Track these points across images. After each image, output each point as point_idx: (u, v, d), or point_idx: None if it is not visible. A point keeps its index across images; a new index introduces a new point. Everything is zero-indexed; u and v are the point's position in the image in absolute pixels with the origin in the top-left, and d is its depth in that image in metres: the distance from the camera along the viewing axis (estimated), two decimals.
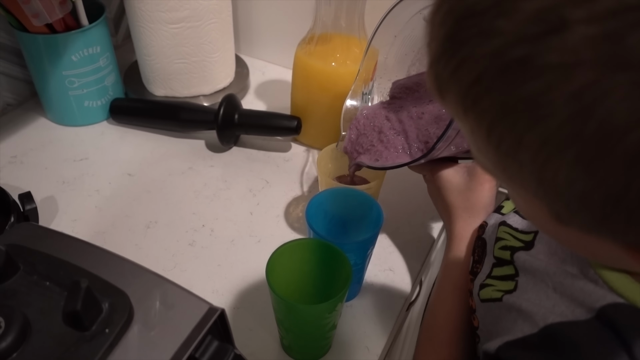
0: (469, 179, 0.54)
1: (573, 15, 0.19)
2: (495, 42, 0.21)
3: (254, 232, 0.63)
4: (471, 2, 0.22)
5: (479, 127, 0.24)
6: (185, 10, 0.70)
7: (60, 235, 0.40)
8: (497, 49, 0.22)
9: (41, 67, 0.70)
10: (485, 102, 0.23)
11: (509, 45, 0.21)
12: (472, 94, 0.24)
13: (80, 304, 0.31)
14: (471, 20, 0.22)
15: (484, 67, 0.22)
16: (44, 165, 0.70)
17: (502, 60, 0.22)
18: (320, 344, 0.49)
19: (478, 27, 0.22)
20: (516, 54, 0.21)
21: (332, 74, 0.67)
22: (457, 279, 0.50)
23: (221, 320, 0.37)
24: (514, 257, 0.43)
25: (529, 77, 0.21)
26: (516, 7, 0.21)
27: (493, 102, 0.23)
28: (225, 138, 0.71)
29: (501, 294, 0.42)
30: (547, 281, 0.38)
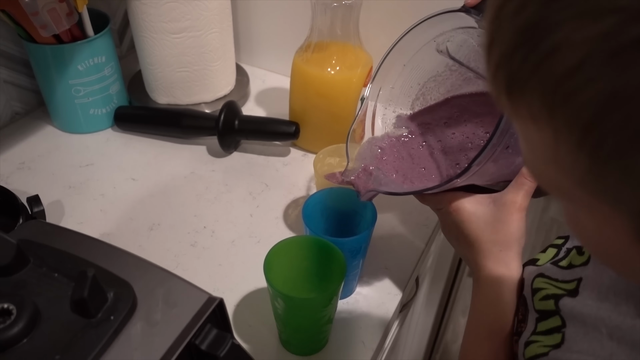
0: (495, 209, 0.48)
1: None
2: (606, 22, 0.18)
3: (253, 233, 0.65)
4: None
5: (569, 129, 0.21)
6: (186, 20, 0.73)
7: (68, 231, 0.42)
8: (608, 29, 0.18)
9: (48, 76, 0.72)
10: (586, 95, 0.19)
11: (625, 23, 0.18)
12: (566, 87, 0.20)
13: (87, 291, 0.33)
14: (565, 1, 0.19)
15: (586, 52, 0.19)
16: (50, 171, 0.72)
17: (615, 41, 0.18)
18: (317, 337, 0.51)
19: (578, 7, 0.19)
20: (635, 34, 0.18)
21: (329, 80, 0.69)
22: (493, 323, 0.45)
23: (220, 310, 0.39)
24: (559, 304, 0.39)
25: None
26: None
27: (597, 93, 0.19)
28: (226, 143, 0.74)
29: (548, 349, 0.38)
30: (600, 328, 0.35)
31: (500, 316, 0.45)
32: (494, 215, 0.48)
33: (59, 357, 0.32)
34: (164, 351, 0.34)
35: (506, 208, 0.47)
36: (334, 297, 0.47)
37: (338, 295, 0.48)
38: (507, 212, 0.47)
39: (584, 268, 0.41)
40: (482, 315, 0.47)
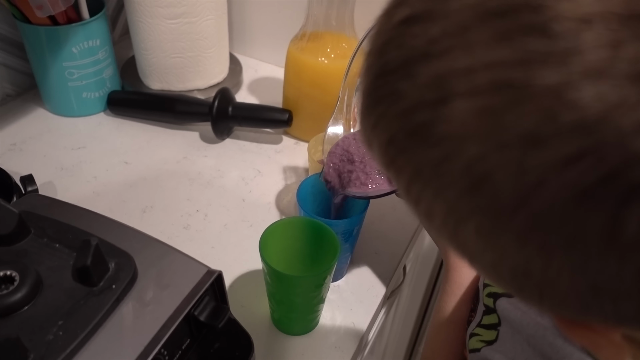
0: None
1: (457, 87, 0.19)
2: (402, 104, 0.21)
3: (246, 217, 0.66)
4: (384, 60, 0.22)
5: (399, 184, 0.24)
6: (183, 6, 0.73)
7: (68, 204, 0.43)
8: (404, 111, 0.21)
9: (42, 58, 0.72)
10: (400, 162, 0.22)
11: (412, 108, 0.21)
12: (390, 153, 0.23)
13: (90, 259, 0.34)
14: (384, 78, 0.22)
15: (396, 127, 0.22)
16: (42, 153, 0.72)
17: (409, 123, 0.21)
18: (309, 317, 0.52)
19: (389, 87, 0.22)
20: (419, 119, 0.20)
21: (323, 69, 0.70)
22: (453, 312, 0.48)
23: (218, 283, 0.39)
24: (496, 304, 0.42)
25: (431, 144, 0.20)
26: (417, 71, 0.20)
27: (406, 163, 0.22)
28: (219, 130, 0.74)
29: (482, 345, 0.41)
30: (522, 333, 0.37)
31: (459, 306, 0.47)
32: None
33: (61, 323, 0.33)
34: (163, 321, 0.35)
35: None
36: (328, 276, 0.48)
37: (331, 275, 0.49)
38: None
39: None
40: (444, 304, 0.49)
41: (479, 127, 0.18)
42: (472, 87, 0.18)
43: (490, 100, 0.18)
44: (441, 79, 0.19)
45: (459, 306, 0.48)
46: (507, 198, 0.19)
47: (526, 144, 0.18)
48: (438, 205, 0.21)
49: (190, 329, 0.38)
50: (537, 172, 0.18)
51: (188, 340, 0.38)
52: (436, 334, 0.49)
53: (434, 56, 0.20)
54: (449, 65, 0.19)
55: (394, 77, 0.21)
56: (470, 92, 0.18)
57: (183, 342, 0.38)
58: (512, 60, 0.18)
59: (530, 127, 0.17)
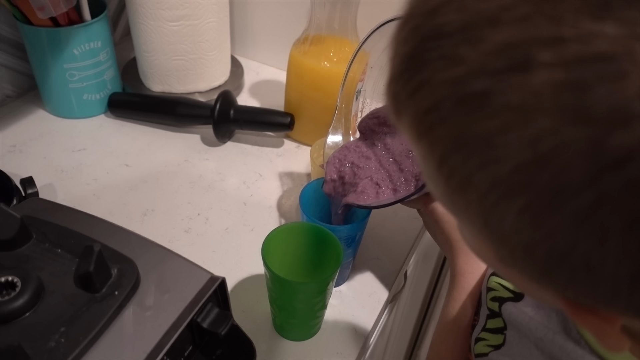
0: None
1: (540, 56, 0.18)
2: (457, 69, 0.20)
3: (247, 221, 0.66)
4: (439, 23, 0.21)
5: (431, 156, 0.23)
6: (185, 8, 0.73)
7: (69, 209, 0.42)
8: (458, 77, 0.20)
9: (43, 59, 0.72)
10: (440, 131, 0.21)
11: (470, 75, 0.20)
12: (428, 121, 0.22)
13: (93, 265, 0.34)
14: (436, 41, 0.21)
15: (443, 94, 0.21)
16: (42, 155, 0.72)
17: (462, 90, 0.20)
18: (311, 323, 0.52)
19: (442, 50, 0.21)
20: (477, 87, 0.19)
21: (325, 73, 0.70)
22: (459, 318, 0.47)
23: (221, 289, 0.39)
24: (502, 309, 0.42)
25: (487, 114, 0.19)
26: (483, 37, 0.19)
27: (448, 132, 0.21)
28: (221, 133, 0.74)
29: (489, 350, 0.40)
30: (529, 337, 0.37)
31: (465, 312, 0.47)
32: None
33: (63, 330, 0.32)
34: (166, 328, 0.35)
35: None
36: (330, 282, 0.47)
37: (334, 281, 0.48)
38: None
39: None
40: (451, 310, 0.49)
41: (559, 100, 0.18)
42: (559, 58, 0.17)
43: (579, 73, 0.17)
44: (515, 47, 0.18)
45: (465, 311, 0.48)
46: (575, 175, 0.18)
47: (613, 122, 0.17)
48: (481, 178, 0.21)
49: (193, 336, 0.38)
50: (619, 151, 0.17)
51: (190, 347, 0.38)
52: (443, 339, 0.49)
53: (505, 22, 0.19)
54: (527, 33, 0.18)
55: (449, 41, 0.20)
56: (554, 63, 0.18)
57: (185, 349, 0.38)
58: (613, 33, 0.17)
59: (622, 104, 0.17)
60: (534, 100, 0.18)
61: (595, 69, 0.17)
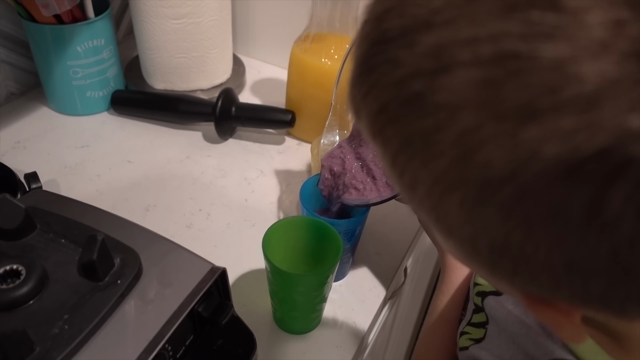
0: None
1: (459, 57, 0.19)
2: (398, 72, 0.21)
3: (248, 217, 0.66)
4: (384, 28, 0.22)
5: (384, 155, 0.24)
6: (187, 6, 0.73)
7: (73, 200, 0.43)
8: (399, 79, 0.21)
9: (47, 56, 0.72)
10: (389, 132, 0.23)
11: (409, 77, 0.21)
12: (379, 122, 0.23)
13: (96, 254, 0.34)
14: (382, 46, 0.22)
15: (389, 96, 0.22)
16: (46, 151, 0.73)
17: (403, 91, 0.21)
18: (311, 316, 0.52)
19: (387, 55, 0.22)
20: (414, 88, 0.21)
21: (326, 70, 0.70)
22: (448, 311, 0.48)
23: (222, 280, 0.40)
24: (484, 303, 0.42)
25: (424, 113, 0.20)
26: (417, 40, 0.20)
27: (395, 132, 0.22)
28: (222, 129, 0.75)
29: (470, 343, 0.41)
30: (507, 331, 0.38)
31: (454, 305, 0.48)
32: None
33: (67, 317, 0.33)
34: (167, 316, 0.35)
35: None
36: (330, 275, 0.48)
37: (334, 274, 0.49)
38: None
39: None
40: (439, 303, 0.49)
41: (477, 98, 0.19)
42: (475, 57, 0.19)
43: (492, 71, 0.18)
44: (442, 49, 0.19)
45: (453, 305, 0.48)
46: (497, 169, 0.19)
47: (523, 117, 0.18)
48: (424, 175, 0.22)
49: (194, 325, 0.38)
50: (530, 145, 0.18)
51: (191, 337, 0.39)
52: (430, 333, 0.49)
53: (436, 26, 0.20)
54: (451, 35, 0.19)
55: (392, 45, 0.21)
56: (472, 62, 0.19)
57: (187, 338, 0.38)
58: (518, 32, 0.18)
59: (529, 100, 0.18)
60: (458, 98, 0.19)
61: (505, 67, 0.18)
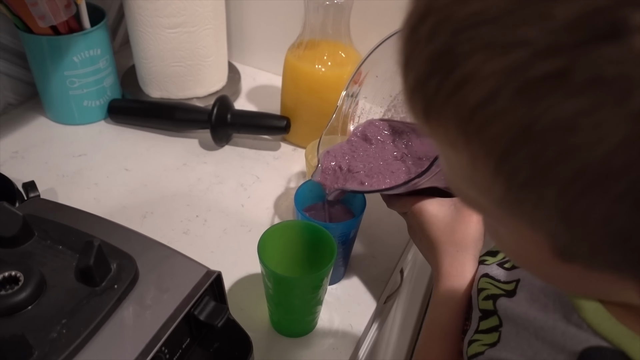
0: (456, 211, 0.50)
1: (636, 19, 0.16)
2: (513, 55, 0.18)
3: (245, 222, 0.67)
4: (474, 10, 0.19)
5: (485, 156, 0.21)
6: (182, 16, 0.74)
7: (70, 208, 0.44)
8: (516, 63, 0.18)
9: (44, 67, 0.73)
10: (498, 127, 0.19)
11: (535, 58, 0.18)
12: (479, 118, 0.20)
13: (93, 259, 0.35)
14: (475, 30, 0.19)
15: (497, 85, 0.19)
16: (44, 160, 0.73)
17: (525, 76, 0.18)
18: (307, 318, 0.53)
19: (487, 38, 0.19)
20: (547, 68, 0.18)
21: (319, 76, 0.71)
22: (446, 323, 0.46)
23: (217, 283, 0.40)
24: (497, 304, 0.41)
25: (566, 95, 0.17)
26: (547, 12, 0.17)
27: (509, 126, 0.19)
28: (218, 136, 0.75)
29: (485, 348, 0.39)
30: (528, 328, 0.36)
31: (453, 316, 0.46)
32: (454, 217, 0.50)
33: (65, 321, 0.34)
34: (164, 320, 0.36)
35: (465, 211, 0.49)
36: (325, 278, 0.48)
37: (328, 276, 0.49)
38: (467, 214, 0.49)
39: (522, 270, 0.42)
40: (437, 315, 0.47)
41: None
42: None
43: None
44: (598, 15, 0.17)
45: (454, 316, 0.46)
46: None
47: None
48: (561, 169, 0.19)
49: (190, 329, 0.39)
50: None
51: (188, 340, 0.39)
52: (429, 347, 0.47)
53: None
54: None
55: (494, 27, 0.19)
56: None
57: (183, 341, 0.39)
58: None
59: None
60: (636, 69, 0.16)
61: None
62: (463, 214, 0.50)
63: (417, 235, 0.54)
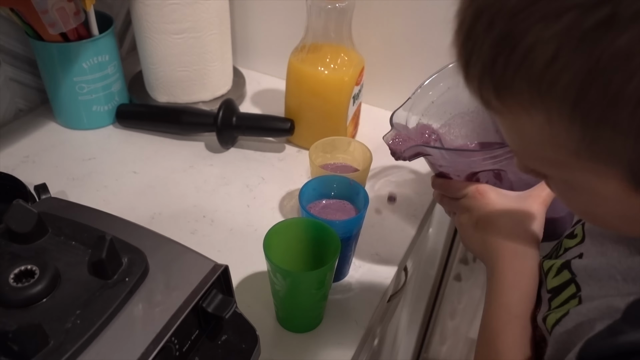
0: (519, 199, 0.51)
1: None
2: (567, 17, 0.23)
3: (251, 222, 0.68)
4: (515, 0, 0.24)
5: (560, 107, 0.25)
6: (187, 22, 0.76)
7: (82, 206, 0.45)
8: (571, 22, 0.22)
9: (54, 73, 0.75)
10: (567, 77, 0.23)
11: (585, 13, 0.22)
12: (549, 76, 0.24)
13: (105, 253, 0.36)
14: (528, 10, 0.24)
15: (557, 45, 0.23)
16: (54, 164, 0.75)
17: (578, 30, 0.22)
18: (312, 314, 0.54)
19: (541, 12, 0.23)
20: (596, 18, 0.22)
21: (322, 79, 0.73)
22: (516, 305, 0.44)
23: (225, 276, 0.42)
24: (572, 268, 0.40)
25: (618, 32, 0.22)
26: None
27: (576, 73, 0.23)
28: (224, 139, 0.77)
29: (567, 309, 0.38)
30: (614, 274, 0.35)
31: (522, 299, 0.44)
32: (518, 204, 0.50)
33: (79, 312, 0.35)
34: (173, 311, 0.37)
35: (531, 199, 0.50)
36: (329, 273, 0.50)
37: (333, 271, 0.51)
38: (531, 202, 0.50)
39: (580, 246, 0.42)
40: (506, 298, 0.45)
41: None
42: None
43: None
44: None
45: (524, 298, 0.44)
46: None
47: None
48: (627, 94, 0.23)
49: (199, 320, 0.40)
50: None
51: (197, 332, 0.41)
52: (501, 334, 0.44)
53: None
54: None
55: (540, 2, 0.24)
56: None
57: (192, 333, 0.40)
58: None
59: None
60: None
61: None
62: (528, 202, 0.50)
63: (473, 219, 0.51)
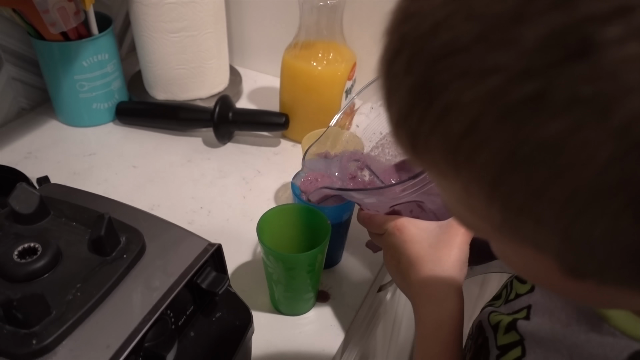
0: (440, 231, 0.47)
1: (603, 35, 0.16)
2: (490, 81, 0.18)
3: (247, 213, 0.70)
4: (446, 39, 0.19)
5: (477, 184, 0.21)
6: (184, 21, 0.79)
7: (82, 191, 0.47)
8: (494, 88, 0.18)
9: (55, 71, 0.78)
10: (485, 155, 0.19)
11: (511, 82, 0.18)
12: (465, 147, 0.20)
13: (104, 230, 0.38)
14: (450, 59, 0.19)
15: (477, 112, 0.19)
16: (56, 160, 0.78)
17: (503, 101, 0.18)
18: (305, 296, 0.56)
19: (462, 67, 0.19)
20: (524, 91, 0.17)
21: (316, 74, 0.75)
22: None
23: (218, 255, 0.44)
24: (517, 328, 0.38)
25: (547, 117, 0.17)
26: (516, 36, 0.17)
27: (496, 152, 0.19)
28: (221, 134, 0.79)
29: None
30: (559, 348, 0.33)
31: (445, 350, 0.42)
32: (438, 237, 0.46)
33: (79, 286, 0.37)
34: (169, 285, 0.39)
35: (452, 230, 0.46)
36: (320, 255, 0.52)
37: (324, 254, 0.53)
38: (453, 234, 0.46)
39: (530, 296, 0.40)
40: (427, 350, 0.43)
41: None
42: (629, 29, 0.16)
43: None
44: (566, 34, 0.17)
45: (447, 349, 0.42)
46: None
47: None
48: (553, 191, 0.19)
49: (194, 297, 0.42)
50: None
51: (192, 307, 0.43)
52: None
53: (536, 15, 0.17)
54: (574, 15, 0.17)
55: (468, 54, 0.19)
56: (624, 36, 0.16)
57: (187, 309, 0.42)
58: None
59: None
60: (613, 84, 0.16)
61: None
62: (449, 233, 0.46)
63: (395, 258, 0.48)
